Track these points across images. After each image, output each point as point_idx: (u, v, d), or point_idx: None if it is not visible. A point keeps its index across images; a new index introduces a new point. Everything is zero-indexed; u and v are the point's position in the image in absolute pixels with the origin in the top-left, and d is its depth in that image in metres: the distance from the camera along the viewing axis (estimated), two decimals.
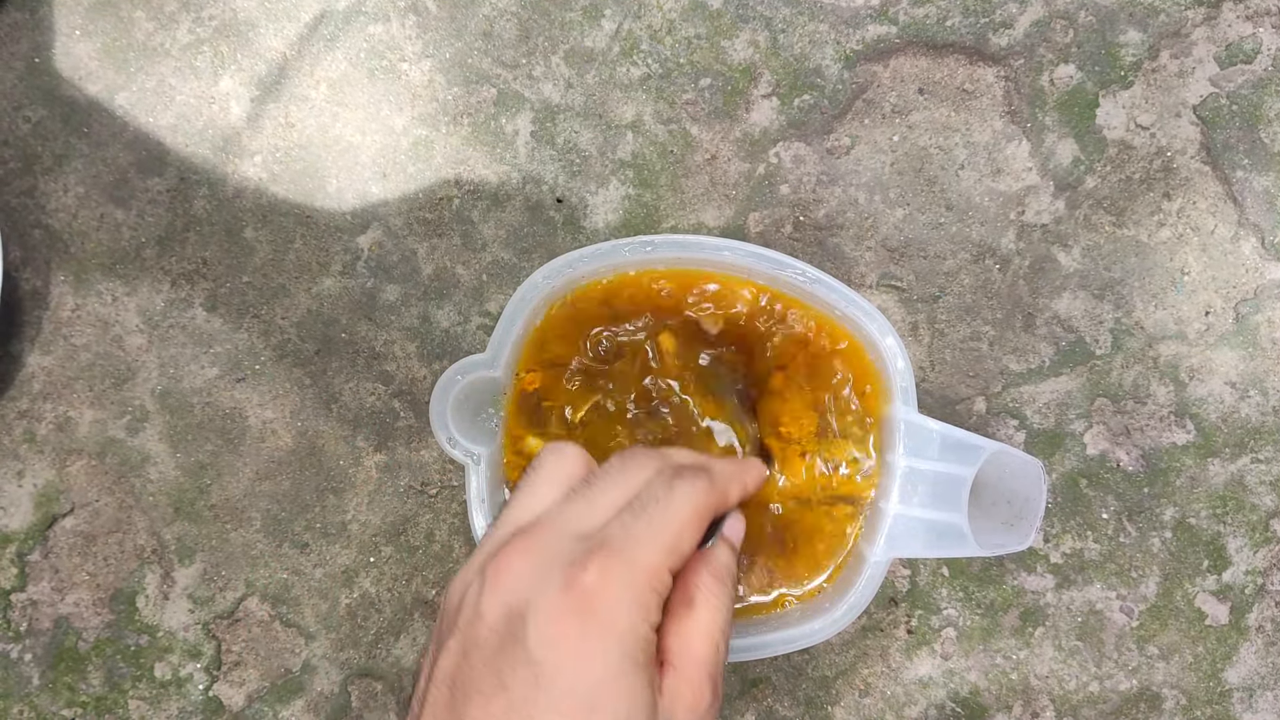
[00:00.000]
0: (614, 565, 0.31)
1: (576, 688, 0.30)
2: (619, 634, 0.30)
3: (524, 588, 0.31)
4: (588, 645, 0.30)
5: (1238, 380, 0.52)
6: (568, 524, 0.33)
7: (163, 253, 0.52)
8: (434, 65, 0.52)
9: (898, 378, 0.44)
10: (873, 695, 0.52)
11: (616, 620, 0.30)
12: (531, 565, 0.32)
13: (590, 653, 0.30)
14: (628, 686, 0.30)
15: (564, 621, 0.30)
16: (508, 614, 0.31)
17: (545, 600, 0.30)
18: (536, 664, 0.30)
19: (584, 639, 0.30)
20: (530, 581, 0.31)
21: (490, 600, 0.31)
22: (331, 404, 0.52)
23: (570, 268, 0.44)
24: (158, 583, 0.52)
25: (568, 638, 0.30)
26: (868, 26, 0.52)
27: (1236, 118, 0.52)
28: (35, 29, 0.52)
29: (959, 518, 0.43)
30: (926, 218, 0.52)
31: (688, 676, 0.32)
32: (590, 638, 0.30)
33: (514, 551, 0.32)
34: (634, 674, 0.30)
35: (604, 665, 0.30)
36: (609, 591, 0.30)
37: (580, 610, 0.30)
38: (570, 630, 0.30)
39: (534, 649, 0.30)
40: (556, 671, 0.30)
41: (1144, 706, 0.52)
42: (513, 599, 0.31)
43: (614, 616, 0.30)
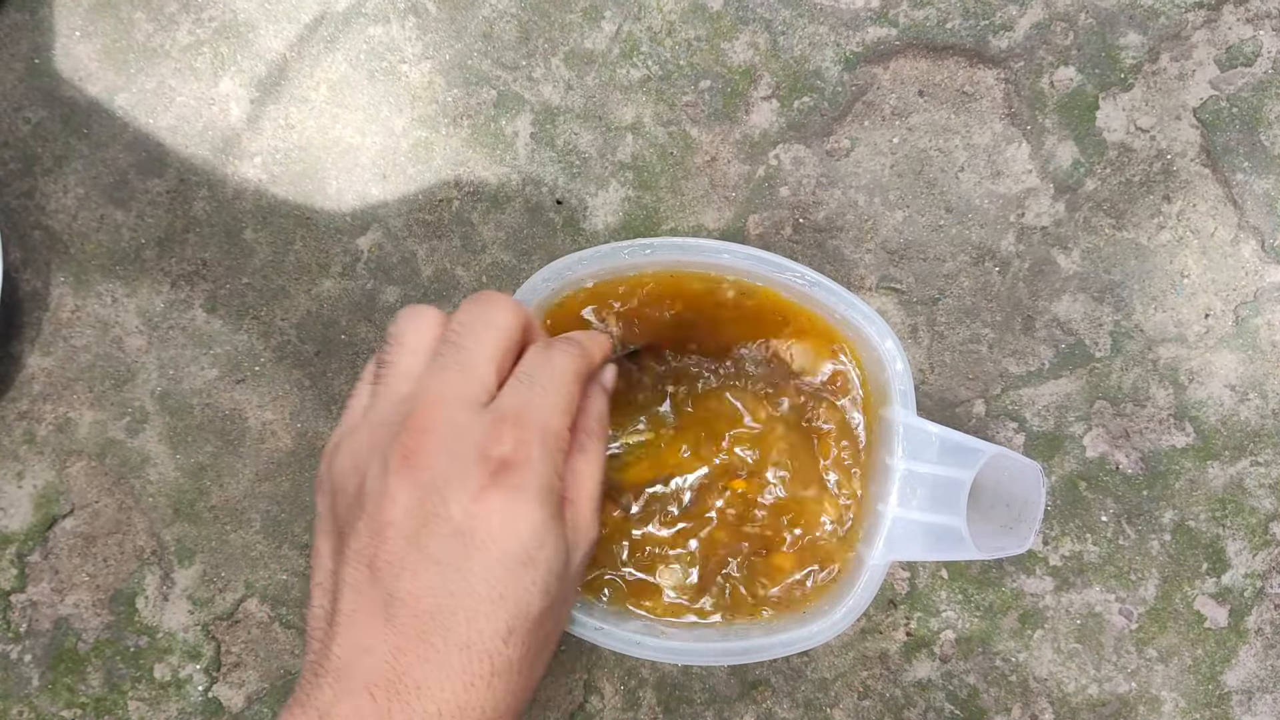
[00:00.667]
0: (524, 435, 0.34)
1: (509, 549, 0.32)
2: (539, 494, 0.33)
3: (439, 465, 0.33)
4: (513, 509, 0.33)
5: (1237, 383, 0.52)
6: (458, 396, 0.35)
7: (163, 254, 0.52)
8: (434, 67, 0.52)
9: (897, 380, 0.44)
10: (872, 697, 0.52)
11: (535, 483, 0.33)
12: (439, 442, 0.33)
13: (516, 515, 0.33)
14: (552, 536, 0.34)
15: (487, 492, 0.33)
16: (424, 493, 0.33)
17: (465, 475, 0.33)
18: (466, 534, 0.32)
19: (509, 504, 0.33)
20: (444, 460, 0.33)
21: (400, 481, 0.33)
22: (331, 405, 0.52)
23: (569, 270, 0.44)
24: (157, 584, 0.52)
25: (493, 506, 0.33)
26: (868, 29, 0.52)
27: (1237, 120, 0.51)
28: (35, 30, 0.52)
29: (958, 521, 0.43)
30: (926, 220, 0.52)
31: (582, 509, 0.37)
32: (515, 502, 0.33)
33: (416, 431, 0.34)
34: (553, 523, 0.34)
35: (529, 524, 0.33)
36: (524, 458, 0.33)
37: (500, 480, 0.33)
38: (494, 499, 0.33)
39: (461, 521, 0.32)
40: (488, 538, 0.32)
41: (1143, 709, 0.52)
42: (427, 476, 0.33)
43: (532, 480, 0.33)
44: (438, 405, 0.34)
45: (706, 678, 0.52)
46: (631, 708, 0.52)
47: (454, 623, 0.32)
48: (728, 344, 0.47)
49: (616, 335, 0.46)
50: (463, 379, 0.35)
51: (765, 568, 0.46)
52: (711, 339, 0.47)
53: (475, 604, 0.32)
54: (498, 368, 0.36)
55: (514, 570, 0.32)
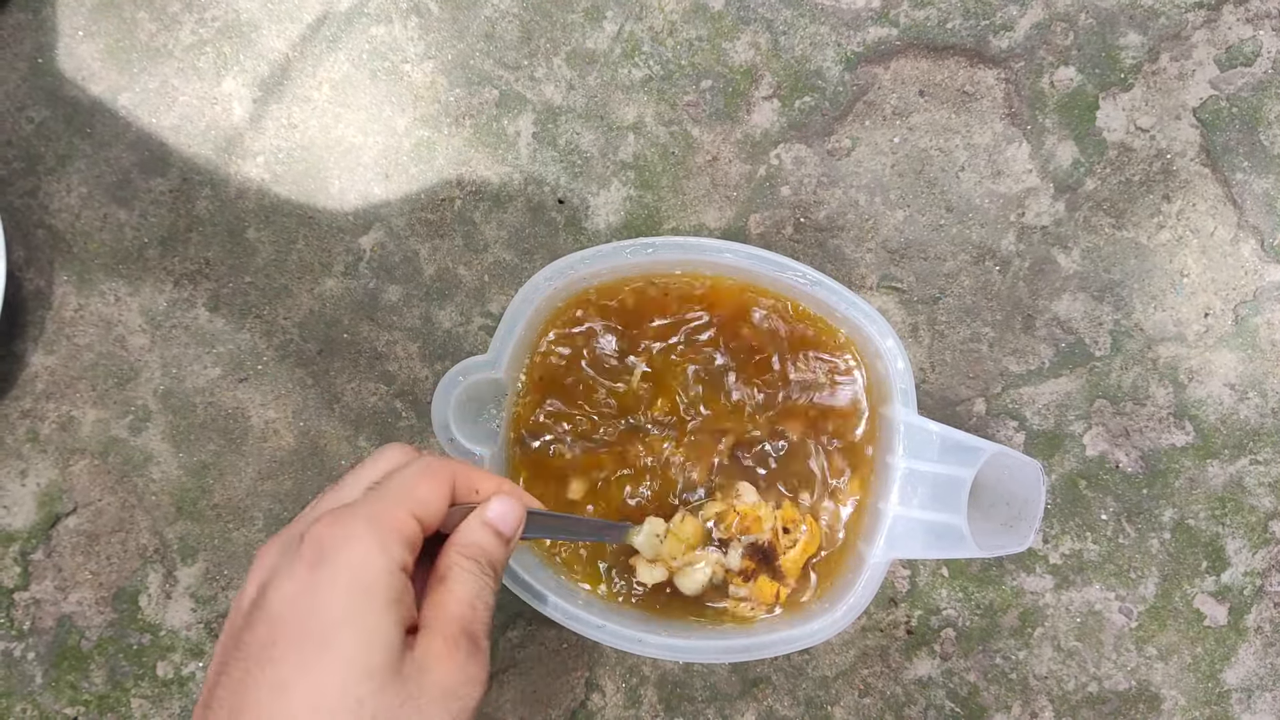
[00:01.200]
0: (343, 514, 0.32)
1: (310, 629, 0.30)
2: (352, 570, 0.31)
3: (270, 562, 0.32)
4: (319, 587, 0.31)
5: (1237, 382, 0.52)
6: (319, 507, 0.34)
7: (165, 253, 0.52)
8: (436, 67, 0.52)
9: (897, 379, 0.44)
10: (872, 695, 0.52)
11: (348, 558, 0.31)
12: (279, 542, 0.33)
13: (323, 593, 0.31)
14: (366, 621, 0.31)
15: (296, 573, 0.31)
16: (258, 589, 0.32)
17: (284, 561, 0.32)
18: (272, 620, 0.31)
19: (315, 582, 0.31)
20: (276, 555, 0.33)
21: (248, 586, 0.33)
22: (333, 404, 0.52)
23: (572, 269, 0.44)
24: (160, 582, 0.52)
25: (300, 586, 0.31)
26: (869, 29, 0.52)
27: (1236, 120, 0.52)
28: (39, 30, 0.52)
29: (958, 519, 0.43)
30: (927, 219, 0.52)
31: (440, 631, 0.33)
32: (322, 580, 0.31)
33: (270, 540, 0.34)
34: (372, 609, 0.31)
35: (338, 603, 0.31)
36: (338, 534, 0.32)
37: (312, 559, 0.31)
38: (301, 578, 0.31)
39: (273, 608, 0.31)
40: (289, 620, 0.31)
41: (1143, 707, 0.52)
42: (262, 575, 0.32)
43: (345, 555, 0.31)
44: (298, 518, 0.35)
45: (708, 675, 0.52)
46: (633, 705, 0.52)
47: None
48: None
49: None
50: (338, 493, 0.35)
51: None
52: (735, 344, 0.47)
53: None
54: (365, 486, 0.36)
55: (314, 651, 0.30)
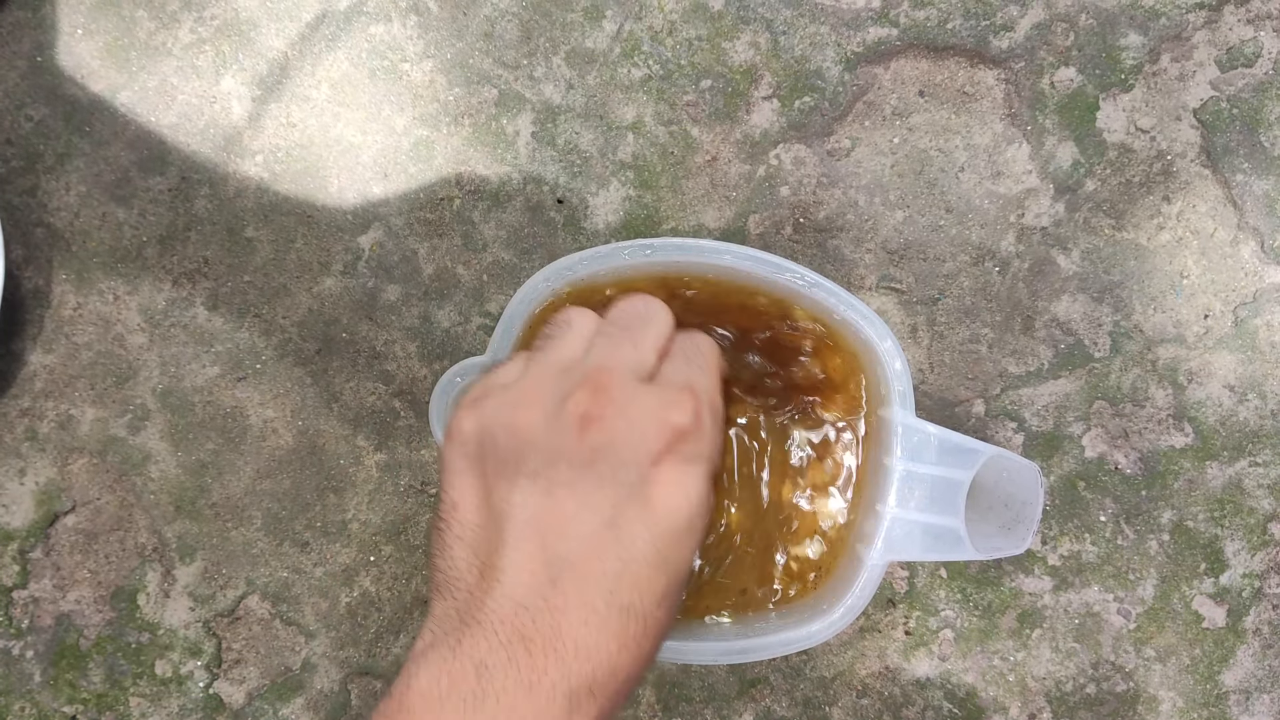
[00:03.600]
0: (699, 407, 0.35)
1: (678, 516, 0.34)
2: (708, 466, 0.35)
3: (617, 427, 0.34)
4: (686, 478, 0.34)
5: (1236, 384, 0.52)
6: (630, 367, 0.36)
7: (164, 252, 0.52)
8: (435, 66, 0.52)
9: (895, 381, 0.44)
10: (870, 696, 0.52)
11: (706, 454, 0.35)
12: (617, 405, 0.34)
13: (689, 484, 0.34)
14: (708, 505, 0.35)
15: (664, 459, 0.33)
16: (599, 454, 0.33)
17: (642, 440, 0.33)
18: (640, 499, 0.33)
19: (684, 473, 0.34)
20: (622, 423, 0.34)
21: (575, 442, 0.33)
22: (332, 403, 0.52)
23: (570, 270, 0.44)
24: (159, 581, 0.52)
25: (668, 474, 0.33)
26: (868, 29, 0.52)
27: (1237, 121, 0.52)
28: (37, 28, 0.52)
29: (956, 521, 0.43)
30: (926, 220, 0.52)
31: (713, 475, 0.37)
32: (688, 472, 0.34)
33: (593, 390, 0.34)
34: (711, 494, 0.35)
35: (698, 494, 0.34)
36: (699, 429, 0.35)
37: (676, 448, 0.34)
38: (670, 467, 0.33)
39: (636, 484, 0.33)
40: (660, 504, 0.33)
41: (1141, 708, 0.52)
42: (604, 438, 0.34)
43: (704, 451, 0.35)
44: (614, 371, 0.35)
45: (705, 676, 0.52)
46: (630, 705, 0.52)
47: (619, 586, 0.32)
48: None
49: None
50: (634, 352, 0.36)
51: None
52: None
53: (640, 568, 0.32)
54: (659, 352, 0.37)
55: (678, 536, 0.33)
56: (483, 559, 0.33)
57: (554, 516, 0.32)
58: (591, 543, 0.32)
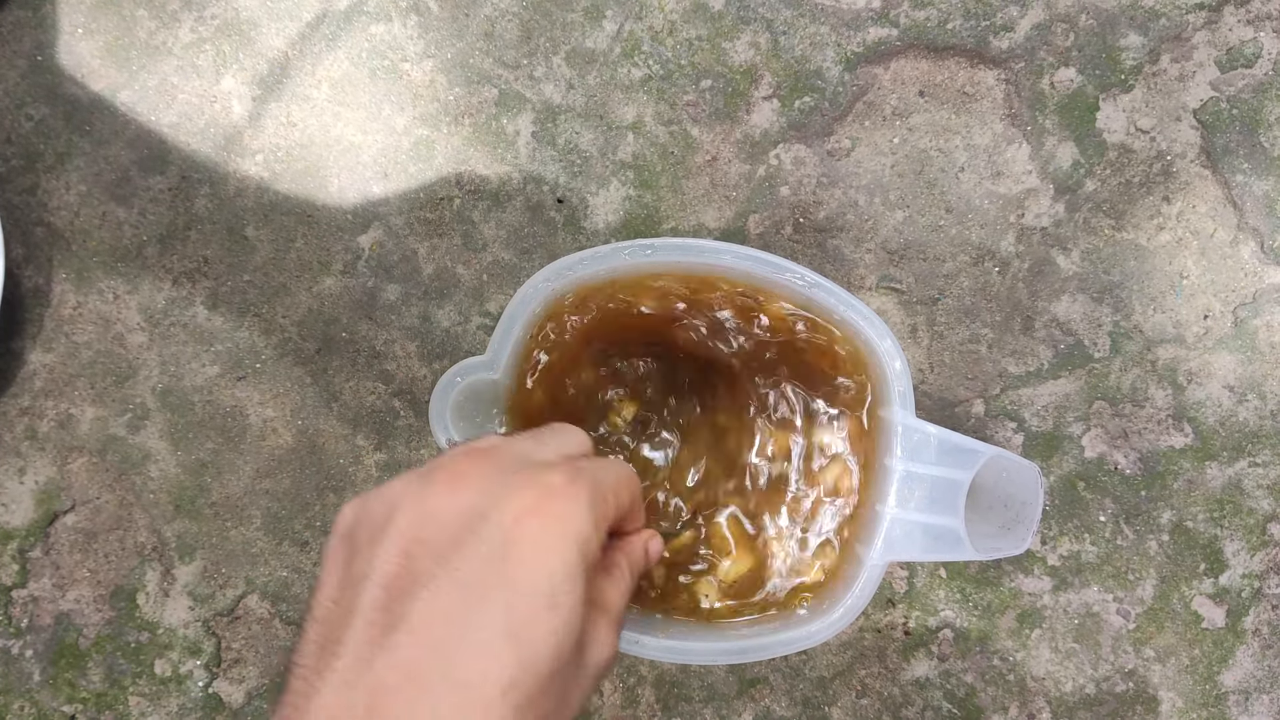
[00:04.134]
0: (577, 477, 0.32)
1: (537, 582, 0.30)
2: (579, 538, 0.31)
3: (487, 484, 0.31)
4: (550, 541, 0.31)
5: (1236, 384, 0.52)
6: (518, 451, 0.34)
7: (164, 251, 0.52)
8: (435, 65, 0.52)
9: (895, 381, 0.44)
10: (870, 696, 0.52)
11: (577, 524, 0.31)
12: (492, 469, 0.32)
13: (552, 546, 0.30)
14: (578, 591, 0.31)
15: (530, 516, 0.31)
16: (466, 513, 0.31)
17: (511, 495, 0.31)
18: (499, 558, 0.30)
19: (548, 531, 0.31)
20: (491, 482, 0.31)
21: (444, 501, 0.31)
22: (332, 403, 0.52)
23: (570, 270, 0.44)
24: (158, 580, 0.52)
25: (533, 530, 0.30)
26: (869, 29, 0.52)
27: (1236, 122, 0.52)
28: (38, 27, 0.52)
29: (956, 522, 0.43)
30: (926, 220, 0.52)
31: (601, 620, 0.34)
32: (553, 535, 0.31)
33: (470, 457, 0.33)
34: (582, 582, 0.31)
35: (563, 563, 0.30)
36: (574, 494, 0.32)
37: (544, 506, 0.31)
38: (535, 523, 0.31)
39: (495, 543, 0.30)
40: (519, 565, 0.30)
41: (1140, 709, 0.52)
42: (472, 496, 0.31)
43: (575, 520, 0.31)
44: (496, 447, 0.34)
45: (705, 675, 0.52)
46: (630, 705, 0.52)
47: (459, 657, 0.29)
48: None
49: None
50: (527, 444, 0.35)
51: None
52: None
53: (487, 637, 0.29)
54: (557, 456, 0.35)
55: (535, 609, 0.30)
56: (327, 633, 0.30)
57: (408, 576, 0.30)
58: (435, 602, 0.29)
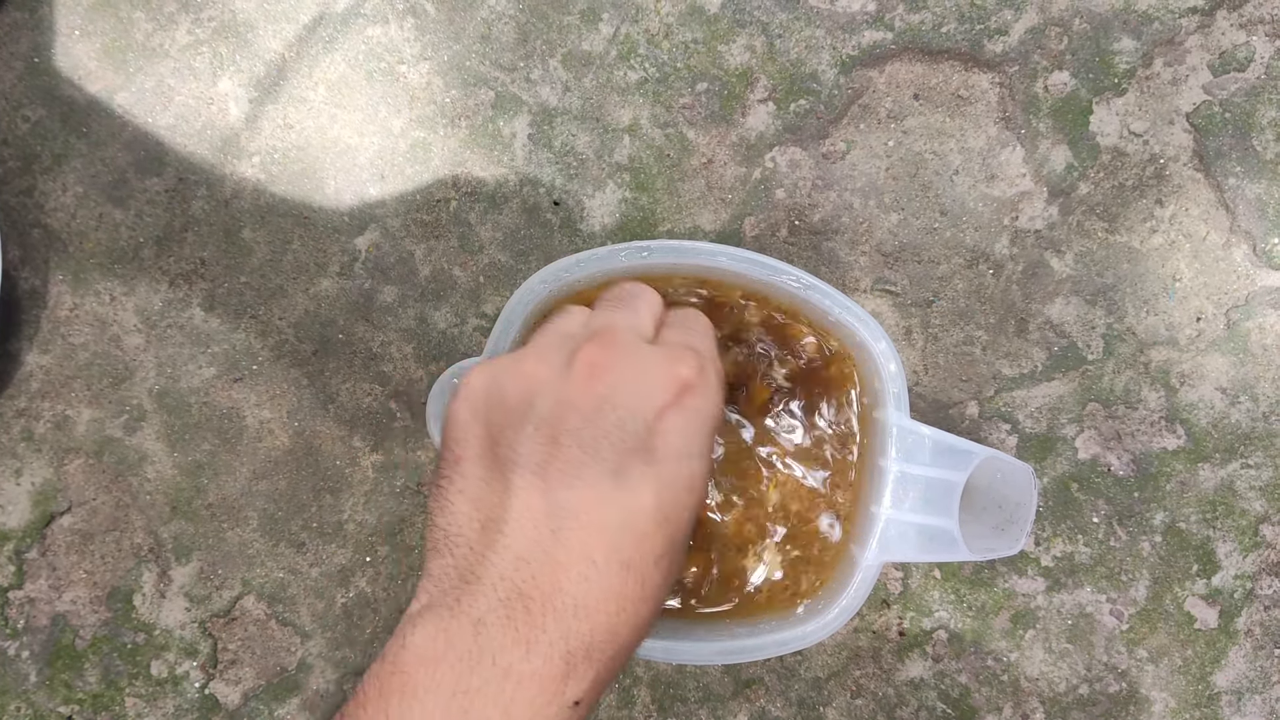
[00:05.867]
0: (702, 363, 0.35)
1: (681, 471, 0.33)
2: (712, 421, 0.35)
3: (624, 379, 0.34)
4: (691, 431, 0.34)
5: (1228, 386, 0.52)
6: (632, 328, 0.36)
7: (161, 253, 0.52)
8: (432, 68, 0.52)
9: (890, 382, 0.44)
10: (864, 696, 0.53)
11: (709, 409, 0.35)
12: (624, 359, 0.34)
13: (693, 438, 0.34)
14: (710, 466, 0.35)
15: (669, 411, 0.33)
16: (607, 404, 0.33)
17: (650, 392, 0.33)
18: (646, 450, 0.32)
19: (688, 425, 0.34)
20: (629, 375, 0.34)
21: (584, 390, 0.33)
22: (328, 404, 0.52)
23: (567, 272, 0.44)
24: (154, 581, 0.52)
25: (674, 425, 0.33)
26: (864, 32, 0.52)
27: (1229, 125, 0.52)
28: (35, 29, 0.52)
29: (950, 523, 0.43)
30: (921, 223, 0.52)
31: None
32: (693, 424, 0.34)
33: (600, 345, 0.34)
34: (711, 460, 0.36)
35: (700, 451, 0.34)
36: (704, 384, 0.35)
37: (682, 401, 0.34)
38: (676, 419, 0.33)
39: (642, 435, 0.32)
40: (665, 456, 0.33)
41: (1133, 709, 0.52)
42: (610, 389, 0.33)
43: (707, 406, 0.35)
44: (617, 329, 0.35)
45: (700, 676, 0.53)
46: (626, 705, 0.52)
47: (621, 541, 0.31)
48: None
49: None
50: (633, 318, 0.37)
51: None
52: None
53: (641, 522, 0.31)
54: (655, 321, 0.37)
55: (679, 493, 0.32)
56: (485, 511, 0.32)
57: (559, 464, 0.32)
58: (595, 491, 0.31)
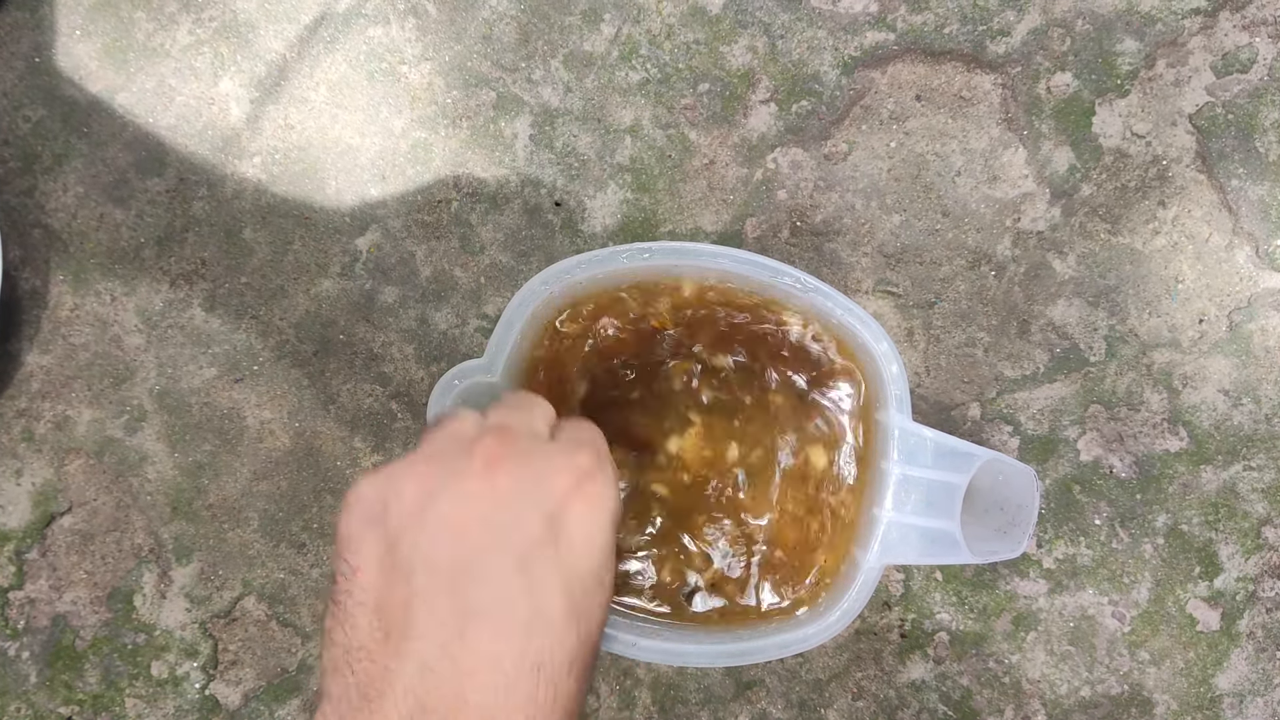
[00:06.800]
0: (599, 457, 0.36)
1: (589, 564, 0.34)
2: (611, 514, 0.35)
3: (522, 473, 0.33)
4: (595, 521, 0.34)
5: (1231, 388, 0.52)
6: (527, 428, 0.36)
7: (162, 253, 0.52)
8: (433, 68, 0.52)
9: (892, 384, 0.44)
10: (866, 698, 0.53)
11: (611, 501, 0.35)
12: (520, 453, 0.34)
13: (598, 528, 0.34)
14: (613, 564, 0.35)
15: (572, 501, 0.33)
16: (507, 500, 0.32)
17: (549, 484, 0.33)
18: (550, 545, 0.32)
19: (591, 515, 0.34)
20: (528, 469, 0.33)
21: (482, 485, 0.33)
22: (329, 405, 0.52)
23: (568, 273, 0.44)
24: (155, 582, 0.52)
25: (577, 516, 0.33)
26: (866, 33, 0.52)
27: (1232, 127, 0.52)
28: (36, 29, 0.52)
29: (952, 525, 0.43)
30: (923, 224, 0.52)
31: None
32: (596, 515, 0.34)
33: (497, 442, 0.35)
34: (614, 554, 0.36)
35: (606, 541, 0.34)
36: (602, 475, 0.35)
37: (583, 490, 0.34)
38: (579, 509, 0.34)
39: (544, 531, 0.32)
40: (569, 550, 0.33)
41: (1135, 711, 0.52)
42: (510, 483, 0.33)
43: (608, 497, 0.35)
44: (512, 426, 0.35)
45: (701, 678, 0.52)
46: (627, 707, 0.52)
47: (530, 644, 0.30)
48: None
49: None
50: (527, 419, 0.36)
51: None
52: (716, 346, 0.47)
53: (551, 619, 0.31)
54: (549, 426, 0.37)
55: (589, 585, 0.32)
56: (387, 619, 0.31)
57: (463, 559, 0.31)
58: (503, 587, 0.30)
